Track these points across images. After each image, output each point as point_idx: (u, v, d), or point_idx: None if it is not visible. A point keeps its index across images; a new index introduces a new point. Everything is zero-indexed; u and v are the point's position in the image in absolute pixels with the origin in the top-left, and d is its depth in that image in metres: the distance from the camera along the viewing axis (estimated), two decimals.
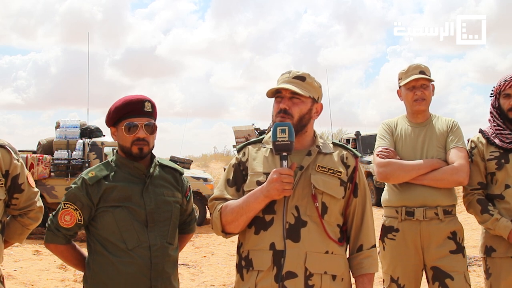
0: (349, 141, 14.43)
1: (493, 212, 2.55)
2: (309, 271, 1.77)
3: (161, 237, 2.01)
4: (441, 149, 2.66)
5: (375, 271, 1.91)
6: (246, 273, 1.86)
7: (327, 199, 1.84)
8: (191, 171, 10.71)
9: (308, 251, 1.78)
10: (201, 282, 5.82)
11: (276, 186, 1.72)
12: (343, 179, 1.89)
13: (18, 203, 2.12)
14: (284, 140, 1.75)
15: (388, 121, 2.86)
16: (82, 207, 1.98)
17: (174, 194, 2.10)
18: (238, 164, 1.98)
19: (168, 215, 2.05)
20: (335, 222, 1.88)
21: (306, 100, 1.90)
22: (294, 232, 1.79)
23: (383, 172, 2.63)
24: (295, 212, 1.81)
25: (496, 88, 2.69)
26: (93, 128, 9.72)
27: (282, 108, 1.87)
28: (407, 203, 2.61)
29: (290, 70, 1.94)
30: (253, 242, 1.85)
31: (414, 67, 2.75)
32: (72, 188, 2.01)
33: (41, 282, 5.55)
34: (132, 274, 1.94)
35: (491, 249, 2.61)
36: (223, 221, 1.87)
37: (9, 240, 2.20)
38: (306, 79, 1.91)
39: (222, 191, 1.95)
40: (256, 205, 1.79)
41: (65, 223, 1.98)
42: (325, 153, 1.92)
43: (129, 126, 1.99)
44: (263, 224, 1.83)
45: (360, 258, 1.91)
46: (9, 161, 2.07)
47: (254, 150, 1.98)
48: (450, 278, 2.52)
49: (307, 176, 1.85)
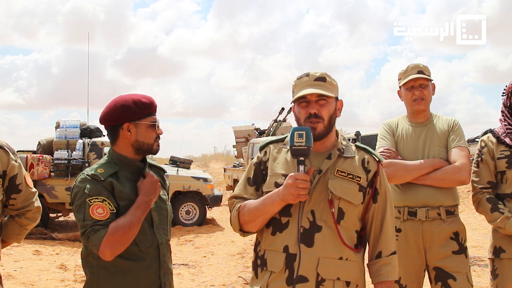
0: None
1: (503, 210, 2.52)
2: (321, 277, 1.76)
3: (164, 235, 2.03)
4: (443, 149, 2.64)
5: (394, 278, 1.88)
6: (260, 272, 1.87)
7: (344, 204, 1.82)
8: (191, 171, 10.68)
9: (321, 257, 1.77)
10: (201, 282, 5.81)
11: (291, 191, 1.71)
12: (363, 185, 1.87)
13: (16, 204, 2.12)
14: (301, 145, 1.73)
15: (389, 121, 2.84)
16: (108, 196, 1.86)
17: (164, 192, 2.12)
18: (259, 163, 1.97)
19: (165, 213, 2.07)
20: (352, 228, 1.86)
21: (331, 100, 1.89)
22: (308, 237, 1.78)
23: (385, 173, 2.60)
24: (310, 217, 1.80)
25: (508, 87, 2.66)
26: (93, 128, 9.70)
27: (313, 113, 1.84)
28: (410, 203, 2.59)
29: (307, 72, 1.91)
30: (269, 242, 1.85)
31: (412, 67, 2.74)
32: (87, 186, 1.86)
33: (41, 282, 5.55)
34: (144, 274, 1.93)
35: (500, 249, 2.58)
36: (241, 221, 1.89)
37: (7, 240, 2.20)
38: (327, 79, 1.89)
39: (242, 190, 1.95)
40: (272, 208, 1.79)
41: (100, 216, 1.81)
42: (346, 156, 1.89)
43: (154, 123, 2.01)
44: (279, 226, 1.83)
45: (378, 265, 1.87)
46: (6, 162, 2.06)
47: (276, 150, 1.96)
48: (453, 279, 2.51)
49: (325, 180, 1.83)
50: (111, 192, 1.90)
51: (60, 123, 9.56)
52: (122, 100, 2.00)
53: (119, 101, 1.99)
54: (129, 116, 1.97)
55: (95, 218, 1.81)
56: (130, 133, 1.98)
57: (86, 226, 1.82)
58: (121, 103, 1.99)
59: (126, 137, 1.99)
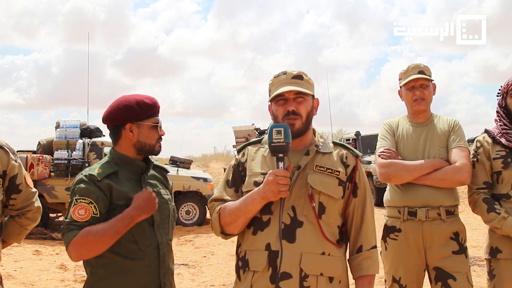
0: (349, 141, 14.41)
1: (499, 210, 2.52)
2: (304, 272, 1.75)
3: (165, 234, 2.03)
4: (443, 149, 2.64)
5: (375, 272, 1.89)
6: (242, 273, 1.85)
7: (325, 199, 1.83)
8: (191, 171, 10.69)
9: (303, 252, 1.76)
10: (201, 282, 5.81)
11: (271, 188, 1.71)
12: (342, 179, 1.88)
13: (16, 204, 2.12)
14: (280, 142, 1.73)
15: (389, 121, 2.85)
16: (96, 200, 1.87)
17: (166, 192, 2.12)
18: (237, 165, 1.98)
19: (167, 213, 2.07)
20: (334, 223, 1.86)
21: (309, 97, 1.91)
22: (289, 233, 1.78)
23: (385, 173, 2.61)
24: (291, 213, 1.80)
25: (503, 87, 2.67)
26: (93, 128, 9.70)
27: (291, 110, 1.86)
28: (410, 203, 2.59)
29: (284, 71, 1.93)
30: (250, 242, 1.84)
31: (413, 67, 2.74)
32: (80, 185, 1.90)
33: (41, 282, 5.54)
34: (144, 274, 1.93)
35: (496, 250, 2.58)
36: (222, 223, 1.88)
37: (7, 240, 2.20)
38: (304, 77, 1.91)
39: (222, 192, 1.95)
40: (253, 207, 1.79)
41: (80, 217, 1.84)
42: (324, 152, 1.91)
43: (157, 124, 2.02)
44: (260, 225, 1.82)
45: (359, 259, 1.88)
46: (6, 162, 2.06)
47: (254, 150, 1.98)
48: (453, 279, 2.51)
49: (304, 176, 1.83)
50: (109, 192, 1.90)
51: (60, 123, 9.55)
52: (125, 100, 2.00)
53: (122, 101, 2.00)
54: (132, 116, 1.98)
55: (74, 218, 1.84)
56: (133, 133, 1.99)
57: (66, 224, 1.86)
58: (124, 103, 1.99)
59: (128, 137, 2.00)
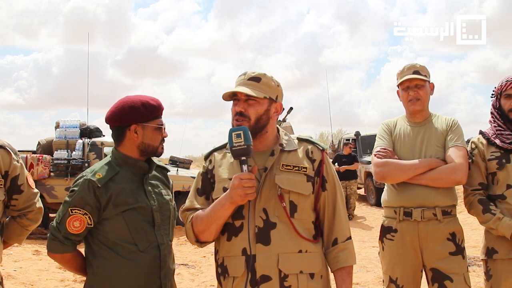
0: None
1: (495, 211, 2.53)
2: (283, 273, 1.76)
3: (166, 235, 2.04)
4: (440, 148, 2.64)
5: (352, 263, 1.89)
6: (223, 280, 1.86)
7: (295, 197, 1.83)
8: (191, 171, 10.68)
9: (280, 253, 1.77)
10: (200, 282, 5.82)
11: (238, 192, 1.72)
12: (310, 174, 1.88)
13: (18, 204, 2.12)
14: (240, 145, 1.73)
15: (387, 121, 2.85)
16: (91, 211, 1.91)
17: (168, 192, 2.13)
18: (206, 172, 1.97)
19: (168, 213, 2.08)
20: (308, 219, 1.87)
21: (262, 101, 1.87)
22: (263, 235, 1.78)
23: (380, 172, 2.62)
24: (263, 215, 1.80)
25: (497, 89, 2.69)
26: (92, 128, 9.70)
27: (238, 111, 1.86)
28: (405, 204, 2.60)
29: (245, 71, 1.92)
30: (227, 248, 1.85)
31: (408, 67, 2.74)
32: (78, 192, 1.92)
33: (40, 282, 5.55)
34: (143, 275, 1.93)
35: (492, 250, 2.59)
36: (195, 231, 1.88)
37: (8, 241, 2.20)
38: (262, 79, 1.88)
39: (193, 201, 1.95)
40: (223, 212, 1.79)
41: (75, 229, 1.90)
42: (289, 150, 1.91)
43: (161, 126, 2.02)
44: (234, 230, 1.83)
45: (336, 252, 1.88)
46: (8, 162, 2.07)
47: (220, 156, 1.97)
48: (450, 280, 2.50)
49: (271, 176, 1.83)
50: (106, 200, 1.91)
51: (59, 123, 9.55)
52: (130, 101, 1.99)
53: (128, 102, 1.99)
54: (137, 117, 1.98)
55: (69, 230, 1.91)
56: (137, 134, 1.99)
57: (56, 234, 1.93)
58: (130, 104, 1.98)
59: (132, 139, 2.00)
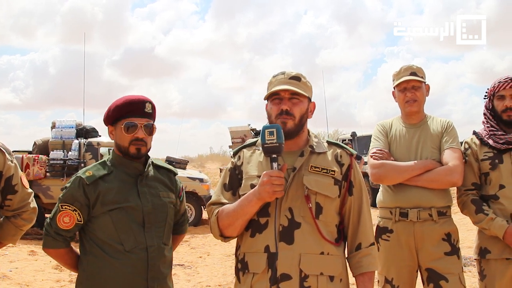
0: (345, 142, 14.44)
1: (487, 211, 2.54)
2: (304, 273, 1.77)
3: (157, 238, 2.02)
4: (436, 150, 2.65)
5: (375, 269, 1.90)
6: (242, 275, 1.87)
7: (321, 199, 1.84)
8: (187, 172, 10.67)
9: (302, 253, 1.78)
10: (196, 282, 5.81)
11: (266, 189, 1.73)
12: (337, 178, 1.89)
13: (12, 204, 2.12)
14: (272, 142, 1.75)
15: (383, 122, 2.86)
16: (80, 207, 1.96)
17: (169, 195, 2.11)
18: (234, 168, 1.99)
19: (164, 216, 2.06)
20: (332, 222, 1.88)
21: (304, 99, 1.92)
22: (287, 234, 1.79)
23: (377, 174, 2.63)
24: (288, 214, 1.81)
25: (490, 90, 2.70)
26: (89, 129, 9.67)
27: (284, 109, 1.87)
28: (401, 204, 2.61)
29: (283, 71, 1.94)
30: (249, 244, 1.86)
31: (405, 68, 2.75)
32: (68, 189, 1.99)
33: (36, 283, 5.53)
34: (129, 275, 1.93)
35: (485, 250, 2.60)
36: (220, 226, 1.89)
37: (3, 241, 2.19)
38: (301, 79, 1.93)
39: (219, 196, 1.96)
40: (250, 209, 1.80)
41: (65, 225, 1.96)
42: (319, 152, 1.92)
43: (128, 126, 2.00)
44: (258, 227, 1.84)
45: (359, 257, 1.89)
46: (2, 162, 2.06)
47: (249, 153, 1.99)
48: (445, 280, 2.52)
49: (300, 177, 1.85)
50: (95, 197, 1.95)
51: (55, 123, 9.52)
52: (112, 103, 2.05)
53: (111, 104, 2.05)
54: (108, 118, 2.06)
55: (59, 226, 1.97)
56: (113, 135, 2.06)
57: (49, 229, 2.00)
58: (110, 106, 2.05)
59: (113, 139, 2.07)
